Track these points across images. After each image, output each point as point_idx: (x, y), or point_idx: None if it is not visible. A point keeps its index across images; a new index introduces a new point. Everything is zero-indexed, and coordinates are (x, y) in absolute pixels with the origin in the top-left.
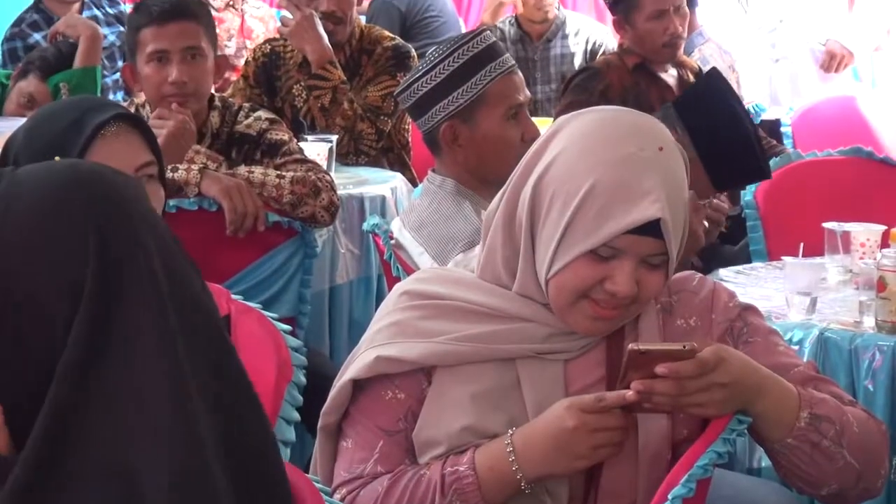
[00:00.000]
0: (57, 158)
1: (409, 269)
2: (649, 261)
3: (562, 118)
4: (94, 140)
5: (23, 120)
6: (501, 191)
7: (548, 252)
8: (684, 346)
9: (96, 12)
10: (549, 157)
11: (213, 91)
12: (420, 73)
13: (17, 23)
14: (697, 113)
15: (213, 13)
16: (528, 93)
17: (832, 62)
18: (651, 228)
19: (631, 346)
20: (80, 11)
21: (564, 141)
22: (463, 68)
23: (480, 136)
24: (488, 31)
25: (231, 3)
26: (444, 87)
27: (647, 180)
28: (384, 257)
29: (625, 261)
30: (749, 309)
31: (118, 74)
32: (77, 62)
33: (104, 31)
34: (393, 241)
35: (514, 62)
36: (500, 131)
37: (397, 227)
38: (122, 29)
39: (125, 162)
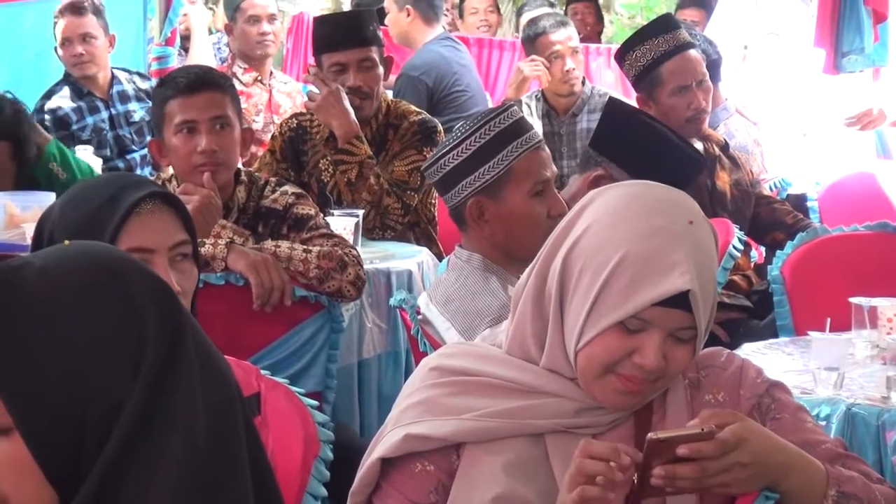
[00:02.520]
0: (66, 242)
1: (436, 344)
2: (678, 335)
3: (592, 192)
4: (128, 218)
5: (53, 196)
6: (531, 265)
7: (577, 324)
8: (703, 429)
9: (125, 87)
10: (579, 230)
11: (239, 165)
12: (447, 149)
13: (47, 95)
14: (613, 141)
15: (241, 88)
16: (554, 168)
17: (864, 118)
18: (680, 301)
19: (650, 435)
20: (110, 86)
21: (594, 214)
22: (489, 144)
23: (507, 211)
24: (515, 107)
25: (258, 78)
26: (471, 163)
27: (676, 253)
28: (411, 332)
29: (653, 334)
30: (777, 385)
31: (146, 149)
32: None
33: (133, 105)
34: (420, 317)
35: (540, 137)
36: (526, 207)
37: (424, 302)
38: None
39: (160, 240)
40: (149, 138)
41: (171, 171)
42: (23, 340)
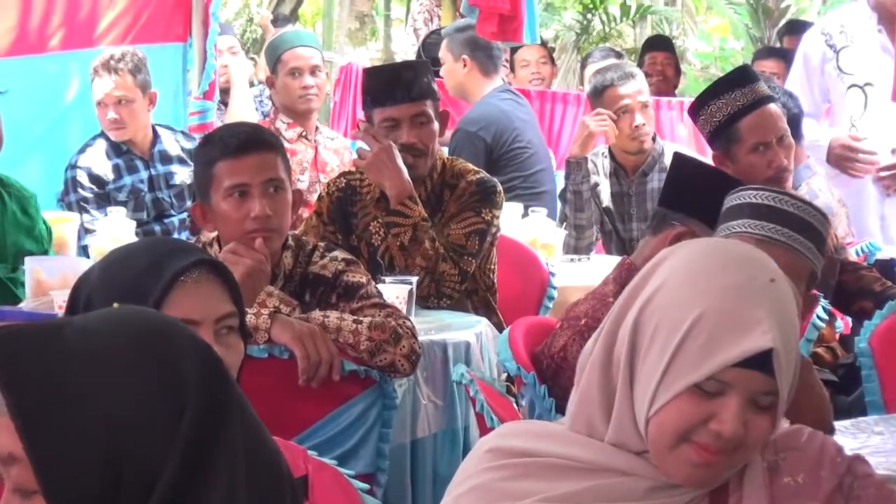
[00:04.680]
0: (116, 305)
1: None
2: (758, 401)
3: (665, 249)
4: (172, 287)
5: (88, 261)
6: (597, 331)
7: (649, 387)
8: None
9: (167, 146)
10: (651, 288)
11: None
12: None
13: (82, 149)
14: (687, 196)
15: (286, 145)
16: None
17: None
18: (761, 363)
19: None
20: (152, 145)
21: (668, 272)
22: None
23: None
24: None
25: (303, 133)
26: None
27: (758, 310)
28: (476, 409)
29: (732, 398)
30: (856, 459)
31: (185, 214)
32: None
33: (175, 167)
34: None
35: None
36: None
37: None
38: None
39: (205, 312)
40: (188, 203)
41: (209, 234)
42: (58, 403)
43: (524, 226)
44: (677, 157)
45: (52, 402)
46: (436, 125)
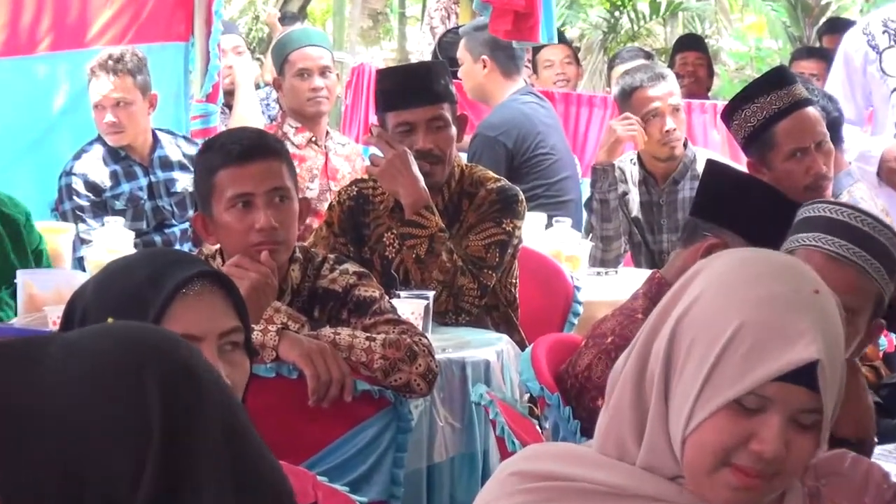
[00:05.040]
0: (110, 320)
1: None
2: (800, 419)
3: (701, 261)
4: (173, 300)
5: (84, 274)
6: (628, 347)
7: (686, 404)
8: None
9: (168, 152)
10: (687, 300)
11: None
12: None
13: (78, 155)
14: (721, 205)
15: (293, 150)
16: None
17: None
18: (805, 378)
19: None
20: (152, 150)
21: (704, 283)
22: None
23: None
24: None
25: (313, 138)
26: None
27: (801, 321)
28: (496, 432)
29: (773, 415)
30: None
31: (187, 224)
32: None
33: (176, 173)
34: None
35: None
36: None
37: None
38: None
39: (208, 327)
40: (191, 211)
41: (212, 247)
42: (25, 419)
43: (548, 237)
44: (710, 164)
45: (18, 419)
46: (453, 130)
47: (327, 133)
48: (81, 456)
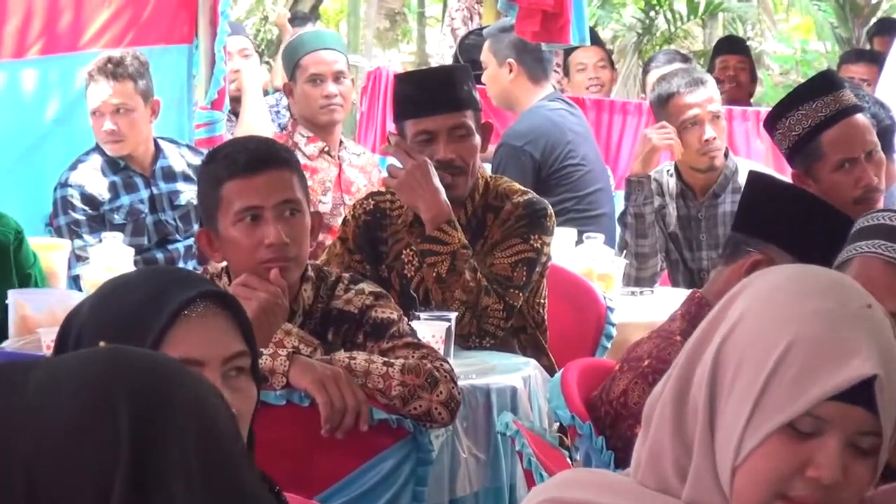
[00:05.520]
0: (102, 344)
1: None
2: (858, 443)
3: (745, 279)
4: (174, 322)
5: (80, 294)
6: (667, 373)
7: (735, 431)
8: None
9: (172, 162)
10: (731, 320)
11: None
12: None
13: (74, 165)
14: (765, 218)
15: (305, 161)
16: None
17: None
18: (862, 397)
19: None
20: (153, 160)
21: (750, 300)
22: None
23: None
24: None
25: (325, 148)
26: None
27: (855, 337)
28: (523, 464)
29: (829, 438)
30: None
31: (191, 239)
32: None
33: (180, 185)
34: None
35: None
36: None
37: None
38: None
39: (211, 351)
40: (195, 226)
41: (218, 265)
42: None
43: (578, 254)
44: (753, 175)
45: None
46: (477, 139)
47: (341, 142)
48: (49, 487)
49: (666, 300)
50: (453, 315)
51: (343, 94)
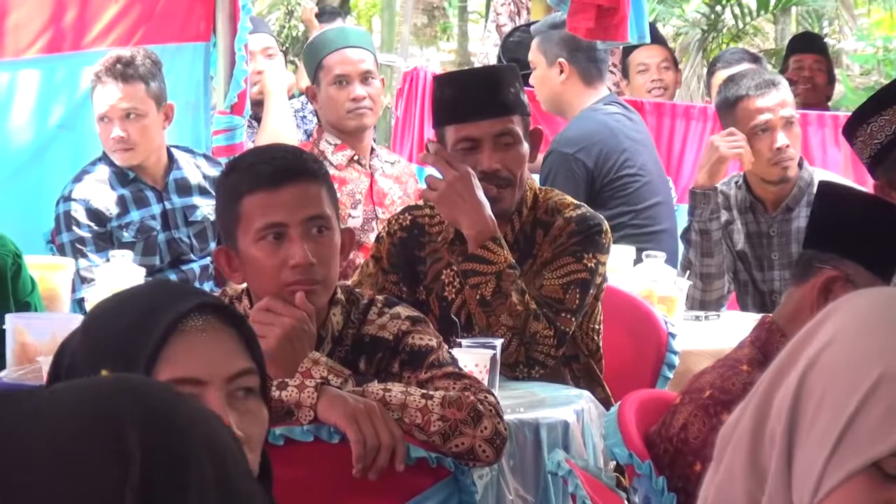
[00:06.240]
0: (104, 372)
1: None
2: None
3: (830, 305)
4: (170, 336)
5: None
6: (744, 402)
7: (814, 469)
8: None
9: (186, 173)
10: (816, 346)
11: None
12: None
13: (79, 177)
14: (842, 232)
15: (333, 172)
16: None
17: None
18: None
19: None
20: (166, 172)
21: (838, 325)
22: None
23: None
24: None
25: (355, 157)
26: None
27: None
28: None
29: None
30: None
31: (208, 259)
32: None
33: (196, 199)
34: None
35: None
36: None
37: None
38: None
39: (213, 369)
40: (212, 245)
41: (237, 286)
42: None
43: (637, 274)
44: (823, 186)
45: None
46: (525, 147)
47: (372, 150)
48: None
49: (734, 325)
50: (499, 342)
51: (372, 97)
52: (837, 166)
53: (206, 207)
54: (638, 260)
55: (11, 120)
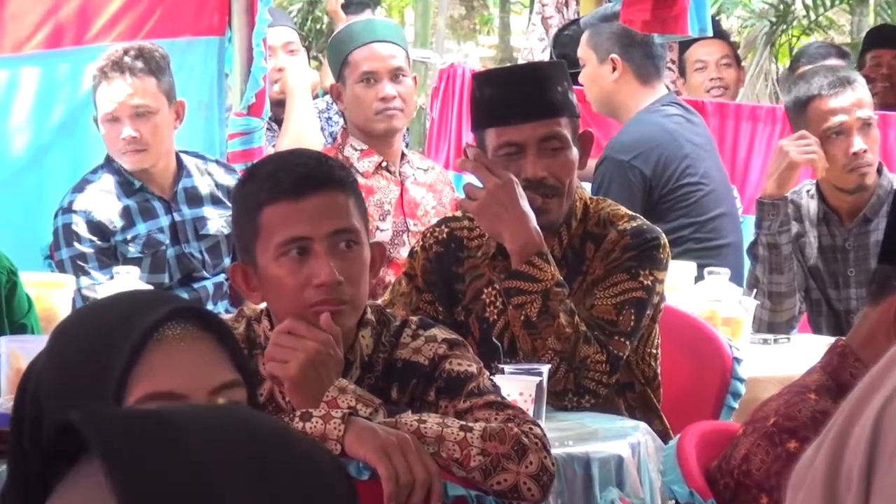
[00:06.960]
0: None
1: None
2: None
3: None
4: (144, 346)
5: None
6: (819, 438)
7: None
8: None
9: (197, 181)
10: (895, 382)
11: None
12: None
13: (80, 186)
14: None
15: (361, 180)
16: None
17: None
18: None
19: None
20: (175, 180)
21: None
22: None
23: None
24: None
25: (384, 163)
26: None
27: None
28: None
29: None
30: None
31: (222, 276)
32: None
33: (208, 209)
34: None
35: None
36: None
37: None
38: None
39: (193, 381)
40: (227, 260)
41: (255, 306)
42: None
43: (699, 293)
44: None
45: None
46: (574, 152)
47: (403, 155)
48: None
49: (806, 349)
50: (545, 368)
51: (403, 96)
52: None
53: (218, 219)
54: (700, 277)
55: (9, 122)
